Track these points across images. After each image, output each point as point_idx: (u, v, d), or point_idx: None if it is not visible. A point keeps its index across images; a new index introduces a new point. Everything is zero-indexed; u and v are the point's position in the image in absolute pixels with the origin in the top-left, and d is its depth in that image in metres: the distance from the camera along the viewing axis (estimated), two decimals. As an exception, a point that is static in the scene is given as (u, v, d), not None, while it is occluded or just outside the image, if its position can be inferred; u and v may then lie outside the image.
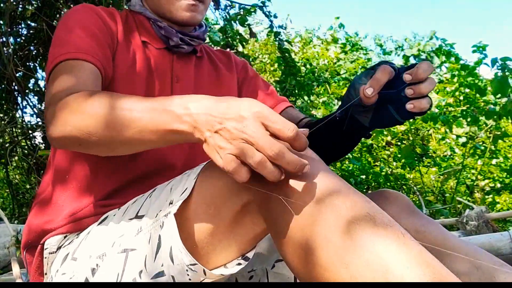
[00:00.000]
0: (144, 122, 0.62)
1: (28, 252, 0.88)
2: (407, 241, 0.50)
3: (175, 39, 0.96)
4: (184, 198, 0.63)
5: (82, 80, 0.79)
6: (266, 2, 2.95)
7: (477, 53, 3.28)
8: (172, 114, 0.60)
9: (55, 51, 0.84)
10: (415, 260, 0.47)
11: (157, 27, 0.97)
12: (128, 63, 0.91)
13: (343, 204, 0.53)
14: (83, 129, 0.67)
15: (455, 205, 2.84)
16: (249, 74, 1.15)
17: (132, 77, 0.91)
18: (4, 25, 2.64)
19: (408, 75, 0.74)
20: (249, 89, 1.13)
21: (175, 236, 0.63)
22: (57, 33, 0.88)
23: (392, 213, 0.79)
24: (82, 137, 0.67)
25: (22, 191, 3.02)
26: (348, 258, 0.49)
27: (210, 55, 1.11)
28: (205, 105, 0.58)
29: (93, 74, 0.82)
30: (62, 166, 0.89)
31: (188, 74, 1.00)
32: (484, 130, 3.41)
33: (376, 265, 0.48)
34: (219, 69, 1.09)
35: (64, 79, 0.79)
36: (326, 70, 5.75)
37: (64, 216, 0.84)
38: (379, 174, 3.46)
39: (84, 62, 0.82)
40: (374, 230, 0.50)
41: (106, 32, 0.90)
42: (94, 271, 0.72)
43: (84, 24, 0.88)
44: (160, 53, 0.97)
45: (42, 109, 2.89)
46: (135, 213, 0.74)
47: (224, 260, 0.65)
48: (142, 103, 0.64)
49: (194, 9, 0.94)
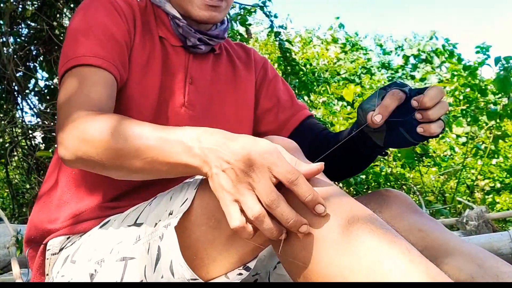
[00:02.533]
0: (155, 152, 0.62)
1: (31, 248, 0.88)
2: (413, 257, 0.50)
3: (193, 40, 0.93)
4: (184, 210, 0.63)
5: (99, 94, 0.77)
6: (266, 2, 2.95)
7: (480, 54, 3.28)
8: (182, 146, 0.60)
9: (70, 49, 0.82)
10: (422, 278, 0.48)
11: (176, 24, 0.93)
12: (143, 60, 0.89)
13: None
14: (95, 157, 0.67)
15: (455, 205, 2.84)
16: (269, 75, 1.10)
17: (146, 77, 0.88)
18: (4, 25, 2.64)
19: (415, 102, 0.74)
20: (268, 92, 1.07)
21: (175, 249, 0.63)
22: (74, 25, 0.85)
23: (393, 212, 0.78)
24: (95, 165, 0.68)
25: (22, 191, 3.02)
26: (353, 278, 0.50)
27: (229, 52, 1.06)
28: (216, 140, 0.58)
29: (109, 85, 0.80)
30: (80, 172, 0.87)
31: (203, 75, 0.96)
32: (484, 130, 3.41)
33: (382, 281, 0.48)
34: (237, 68, 1.05)
35: (81, 88, 0.77)
36: (326, 70, 5.75)
37: (68, 215, 0.83)
38: (379, 174, 3.46)
39: (101, 70, 0.80)
40: (379, 245, 0.51)
41: (123, 28, 0.87)
42: (92, 276, 0.72)
43: (103, 21, 0.85)
44: (176, 51, 0.94)
45: (42, 109, 2.89)
46: (134, 220, 0.73)
47: (225, 270, 0.65)
48: (153, 131, 0.64)
49: (213, 8, 0.90)
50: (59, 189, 0.87)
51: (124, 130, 0.65)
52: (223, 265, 0.64)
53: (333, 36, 7.29)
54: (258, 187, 0.53)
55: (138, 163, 0.63)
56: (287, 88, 1.11)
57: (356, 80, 5.90)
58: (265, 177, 0.54)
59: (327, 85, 4.64)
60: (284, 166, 0.54)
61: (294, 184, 0.53)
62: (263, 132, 1.07)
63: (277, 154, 0.55)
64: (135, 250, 0.69)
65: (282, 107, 1.06)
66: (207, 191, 0.62)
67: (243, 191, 0.54)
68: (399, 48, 7.83)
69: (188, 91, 0.92)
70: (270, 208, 0.53)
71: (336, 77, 5.71)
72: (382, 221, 0.55)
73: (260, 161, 0.54)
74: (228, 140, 0.57)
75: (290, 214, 0.53)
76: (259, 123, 1.07)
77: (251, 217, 0.53)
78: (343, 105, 4.43)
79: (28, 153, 2.87)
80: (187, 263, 0.63)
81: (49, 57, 2.82)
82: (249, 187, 0.54)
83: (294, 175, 0.53)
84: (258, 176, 0.54)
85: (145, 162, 0.63)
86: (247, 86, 1.04)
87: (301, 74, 3.24)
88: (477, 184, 3.68)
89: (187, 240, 0.63)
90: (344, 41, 7.34)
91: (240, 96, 1.02)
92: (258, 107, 1.07)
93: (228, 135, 0.59)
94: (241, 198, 0.54)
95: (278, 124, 1.06)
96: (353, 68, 6.34)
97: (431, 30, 6.13)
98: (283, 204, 0.53)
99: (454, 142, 3.95)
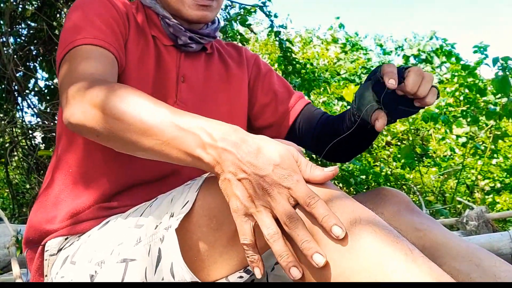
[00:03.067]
0: (167, 137, 0.60)
1: (29, 250, 0.88)
2: (416, 257, 0.50)
3: (184, 38, 0.94)
4: (185, 212, 0.63)
5: (102, 67, 0.76)
6: (266, 2, 2.95)
7: (478, 54, 3.28)
8: (197, 140, 0.58)
9: (69, 36, 0.82)
10: (425, 279, 0.48)
11: (166, 24, 0.94)
12: (137, 56, 0.89)
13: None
14: (105, 126, 0.64)
15: (455, 205, 2.84)
16: (262, 70, 1.11)
17: (140, 73, 0.89)
18: (4, 25, 2.64)
19: (400, 91, 0.78)
20: (264, 88, 1.09)
21: (176, 252, 0.63)
22: (71, 18, 0.85)
23: (391, 211, 0.78)
24: (101, 133, 0.65)
25: (22, 191, 3.02)
26: (355, 279, 0.50)
27: (221, 52, 1.07)
28: (233, 142, 0.56)
29: (111, 62, 0.80)
30: (66, 163, 0.87)
31: (195, 74, 0.97)
32: (484, 130, 3.41)
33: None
34: (229, 67, 1.06)
35: (84, 62, 0.76)
36: (326, 70, 5.75)
37: (65, 213, 0.83)
38: (379, 174, 3.46)
39: (102, 48, 0.79)
40: (381, 247, 0.51)
41: (119, 21, 0.88)
42: (92, 278, 0.72)
43: (99, 12, 0.85)
44: (168, 50, 0.95)
45: (42, 109, 2.89)
46: (135, 221, 0.73)
47: (225, 273, 0.65)
48: (169, 114, 0.61)
49: (204, 8, 0.91)
50: (56, 187, 0.87)
51: (137, 104, 0.63)
52: (224, 268, 0.64)
53: (333, 36, 7.29)
54: (278, 207, 0.53)
55: (147, 142, 0.61)
56: (281, 80, 1.12)
57: (356, 80, 5.90)
58: (285, 198, 0.54)
59: (327, 85, 4.64)
60: (304, 189, 0.54)
61: (313, 207, 0.53)
62: (265, 126, 1.09)
63: (298, 177, 0.54)
64: (135, 251, 0.69)
65: (280, 99, 1.08)
66: (208, 194, 0.63)
67: (260, 208, 0.54)
68: (399, 48, 7.82)
69: (180, 89, 0.93)
70: (288, 228, 0.53)
71: (336, 77, 5.71)
72: (384, 222, 0.55)
73: (280, 182, 0.53)
74: (245, 141, 0.56)
75: (306, 236, 0.53)
76: (258, 118, 1.08)
77: (267, 236, 0.54)
78: (343, 105, 4.43)
79: (28, 153, 2.87)
80: (187, 265, 0.63)
81: (49, 57, 2.83)
82: (267, 205, 0.54)
83: (314, 199, 0.53)
84: (278, 196, 0.53)
85: (154, 143, 0.61)
86: (240, 84, 1.05)
87: (303, 72, 3.24)
88: (477, 184, 3.68)
89: (188, 242, 0.63)
90: (344, 41, 7.33)
91: (233, 94, 1.02)
92: (256, 103, 1.08)
93: (244, 134, 0.57)
94: (258, 215, 0.54)
95: (279, 116, 1.07)
96: (353, 68, 6.34)
97: (431, 30, 6.12)
98: (301, 226, 0.53)
99: (454, 143, 3.95)
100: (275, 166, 0.54)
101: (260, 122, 1.09)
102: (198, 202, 0.63)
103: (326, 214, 0.52)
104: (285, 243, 0.54)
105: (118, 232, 0.74)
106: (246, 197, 0.55)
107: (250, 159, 0.54)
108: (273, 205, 0.54)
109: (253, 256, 0.56)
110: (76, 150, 0.87)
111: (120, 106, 0.63)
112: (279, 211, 0.54)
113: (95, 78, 0.72)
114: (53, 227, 0.83)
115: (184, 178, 0.79)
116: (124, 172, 0.85)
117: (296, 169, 0.55)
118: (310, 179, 0.56)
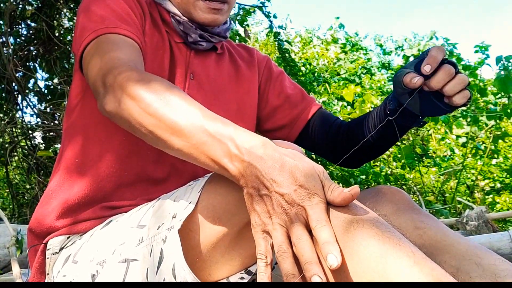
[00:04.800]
0: (196, 141, 0.59)
1: (32, 248, 0.88)
2: (418, 260, 0.50)
3: (194, 36, 0.94)
4: (188, 212, 0.63)
5: (133, 56, 0.76)
6: (265, 3, 2.95)
7: (479, 53, 3.28)
8: (225, 149, 0.58)
9: (92, 25, 0.81)
10: (426, 280, 0.48)
11: (176, 21, 0.94)
12: (153, 49, 0.90)
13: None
14: (138, 119, 0.64)
15: (455, 205, 2.84)
16: (274, 73, 1.11)
17: (154, 65, 0.89)
18: (4, 25, 2.64)
19: (426, 87, 0.77)
20: (275, 90, 1.09)
21: (178, 253, 0.63)
22: (89, 9, 0.85)
23: (391, 209, 0.78)
24: (134, 125, 0.65)
25: (22, 191, 3.02)
26: (357, 281, 0.50)
27: (231, 52, 1.08)
28: (259, 157, 0.55)
29: (137, 52, 0.79)
30: (65, 158, 0.88)
31: (205, 72, 0.97)
32: (484, 130, 3.41)
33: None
34: (240, 68, 1.06)
35: (115, 50, 0.75)
36: (326, 70, 5.75)
37: (58, 205, 0.83)
38: (379, 174, 3.46)
39: (127, 38, 0.79)
40: (384, 249, 0.51)
41: (137, 12, 0.89)
42: (94, 277, 0.72)
43: (119, 2, 0.86)
44: (178, 47, 0.95)
45: (42, 109, 2.89)
46: (137, 222, 0.73)
47: (227, 273, 0.65)
48: (202, 118, 0.60)
49: (216, 11, 0.91)
50: (54, 181, 0.87)
51: (171, 101, 0.62)
52: (225, 269, 0.64)
53: (333, 36, 7.29)
54: (291, 227, 0.54)
55: (177, 142, 0.61)
56: (293, 83, 1.12)
57: (356, 80, 5.90)
58: (301, 220, 0.54)
59: (327, 85, 4.64)
60: (317, 213, 0.53)
61: (317, 231, 0.53)
62: (275, 128, 1.09)
63: (318, 199, 0.54)
64: (137, 252, 0.69)
65: (293, 102, 1.08)
66: (211, 195, 0.63)
67: (276, 226, 0.54)
68: (399, 48, 7.83)
69: (189, 86, 0.93)
70: (296, 248, 0.53)
71: (336, 77, 5.71)
72: (387, 224, 0.55)
73: (299, 202, 0.53)
74: (274, 161, 0.55)
75: (310, 258, 0.52)
76: (269, 120, 1.09)
77: (277, 253, 0.54)
78: (343, 105, 4.43)
79: (28, 153, 2.87)
80: (189, 265, 0.63)
81: (48, 57, 2.83)
82: (283, 224, 0.54)
83: (321, 224, 0.53)
84: (294, 217, 0.54)
85: (183, 144, 0.60)
86: (249, 85, 1.05)
87: (300, 74, 3.24)
88: (477, 184, 3.68)
89: (190, 243, 0.63)
90: (344, 41, 7.33)
91: (242, 94, 1.02)
92: (267, 105, 1.08)
93: (272, 149, 0.56)
94: (274, 232, 0.55)
95: (290, 119, 1.08)
96: (353, 68, 6.34)
97: (431, 30, 6.13)
98: (307, 248, 0.53)
99: (454, 143, 3.95)
100: (298, 186, 0.53)
101: (271, 124, 1.09)
102: (201, 203, 0.63)
103: (327, 241, 0.52)
104: (293, 263, 0.54)
105: (120, 232, 0.74)
106: (265, 214, 0.55)
107: (274, 176, 0.54)
108: (288, 225, 0.54)
109: (263, 274, 0.56)
110: (74, 145, 0.87)
111: (155, 101, 0.63)
112: (291, 231, 0.54)
113: (130, 66, 0.71)
114: (51, 220, 0.83)
115: (188, 179, 0.79)
116: (129, 172, 0.85)
117: (318, 191, 0.54)
118: (330, 202, 0.55)
